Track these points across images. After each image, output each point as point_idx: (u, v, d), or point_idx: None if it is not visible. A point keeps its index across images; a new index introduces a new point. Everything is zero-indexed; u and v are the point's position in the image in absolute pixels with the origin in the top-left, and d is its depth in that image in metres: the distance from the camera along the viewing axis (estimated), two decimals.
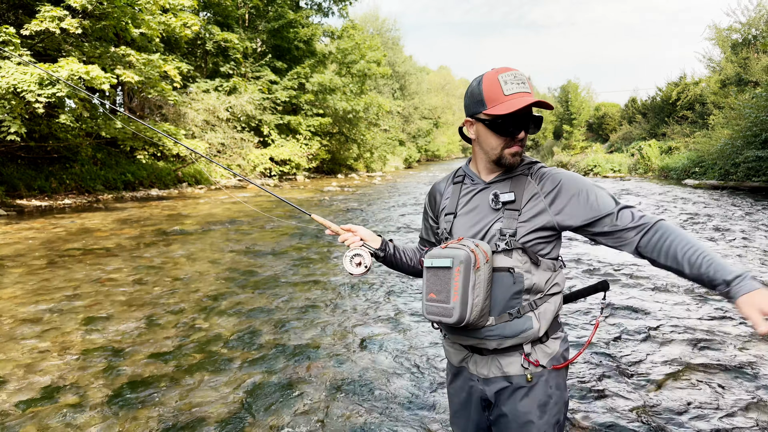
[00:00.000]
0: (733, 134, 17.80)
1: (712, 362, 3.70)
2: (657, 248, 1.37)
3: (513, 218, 1.46)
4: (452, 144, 73.77)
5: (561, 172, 1.50)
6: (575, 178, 1.49)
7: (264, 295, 5.44)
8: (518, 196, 1.48)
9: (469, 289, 1.39)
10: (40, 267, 6.57)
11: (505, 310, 1.45)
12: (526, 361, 1.46)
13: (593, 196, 1.44)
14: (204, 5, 23.23)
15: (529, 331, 1.45)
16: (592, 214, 1.43)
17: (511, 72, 1.44)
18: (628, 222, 1.40)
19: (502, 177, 1.53)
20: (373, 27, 51.52)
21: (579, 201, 1.44)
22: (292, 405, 3.14)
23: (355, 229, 1.76)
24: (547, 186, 1.47)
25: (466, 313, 1.40)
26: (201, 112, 20.81)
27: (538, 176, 1.50)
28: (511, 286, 1.44)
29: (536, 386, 1.48)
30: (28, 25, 11.42)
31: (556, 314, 1.51)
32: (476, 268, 1.39)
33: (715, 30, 27.13)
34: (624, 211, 1.42)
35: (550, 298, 1.49)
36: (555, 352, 1.51)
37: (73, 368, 3.64)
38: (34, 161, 14.65)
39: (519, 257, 1.44)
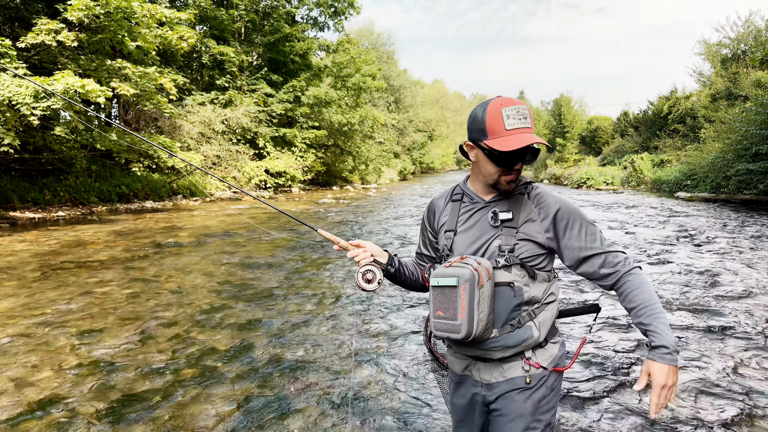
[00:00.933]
0: (724, 148, 18.02)
1: (703, 373, 3.71)
2: (622, 295, 1.54)
3: (511, 235, 1.56)
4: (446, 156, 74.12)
5: (557, 201, 1.59)
6: (570, 210, 1.58)
7: (259, 308, 5.43)
8: (515, 215, 1.58)
9: (474, 305, 1.47)
10: (33, 280, 6.53)
11: (507, 321, 1.55)
12: (527, 364, 1.57)
13: (584, 232, 1.56)
14: (200, 19, 23.40)
15: (530, 339, 1.56)
16: (582, 253, 1.56)
17: (514, 106, 1.51)
18: (610, 268, 1.55)
19: (500, 197, 1.64)
20: (368, 41, 51.96)
21: (571, 235, 1.57)
22: (287, 419, 3.13)
23: (364, 245, 1.78)
24: (542, 212, 1.58)
25: (473, 329, 1.48)
26: (196, 125, 20.84)
27: (536, 200, 1.60)
28: (512, 299, 1.54)
29: (534, 387, 1.57)
30: (24, 38, 11.46)
31: (553, 321, 1.62)
32: (480, 286, 1.47)
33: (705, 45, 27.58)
34: (609, 255, 1.55)
35: (547, 307, 1.59)
36: (555, 355, 1.61)
37: (66, 382, 3.61)
38: (28, 173, 14.60)
39: (518, 272, 1.54)
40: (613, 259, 1.55)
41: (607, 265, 1.55)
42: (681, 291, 6.00)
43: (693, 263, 7.43)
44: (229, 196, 20.65)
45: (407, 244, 9.39)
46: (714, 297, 5.72)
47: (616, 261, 1.55)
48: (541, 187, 1.66)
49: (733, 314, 5.11)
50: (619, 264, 1.54)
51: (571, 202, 1.61)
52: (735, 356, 4.06)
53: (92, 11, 11.66)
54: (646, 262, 7.57)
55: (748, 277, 6.57)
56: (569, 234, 1.56)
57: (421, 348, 4.33)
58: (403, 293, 6.03)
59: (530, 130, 1.53)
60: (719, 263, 7.42)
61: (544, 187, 1.65)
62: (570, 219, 1.57)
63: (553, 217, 1.57)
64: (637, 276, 1.53)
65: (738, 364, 3.91)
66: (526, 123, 1.52)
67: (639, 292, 1.50)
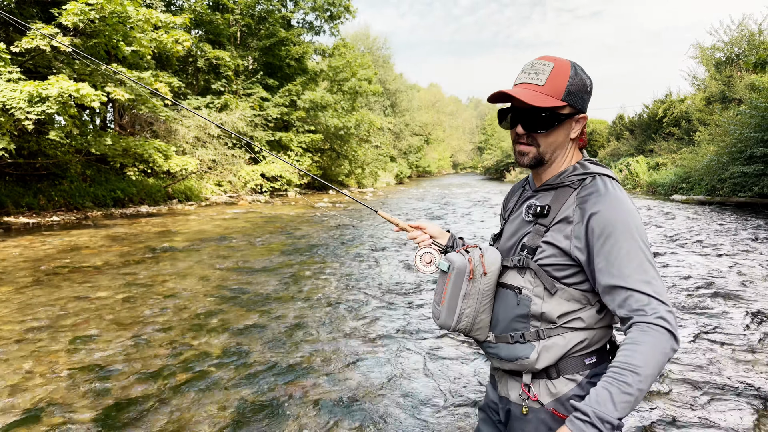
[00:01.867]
0: (718, 150, 18.11)
1: (701, 375, 3.71)
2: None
3: (539, 234, 1.33)
4: (443, 160, 74.25)
5: (603, 201, 1.25)
6: (613, 218, 1.23)
7: (254, 313, 5.40)
8: (553, 211, 1.33)
9: (459, 297, 1.37)
10: (27, 285, 6.48)
11: (507, 331, 1.36)
12: (524, 392, 1.35)
13: (618, 253, 1.21)
14: (196, 23, 23.38)
15: (524, 360, 1.32)
16: (606, 280, 1.22)
17: (535, 60, 1.36)
18: (626, 311, 1.20)
19: (547, 186, 1.39)
20: (364, 45, 52.07)
21: (601, 251, 1.23)
22: (282, 425, 3.11)
23: (424, 226, 1.71)
24: (580, 213, 1.27)
25: (451, 321, 1.39)
26: (192, 129, 20.80)
27: (583, 195, 1.29)
28: (514, 308, 1.35)
29: (530, 422, 1.35)
30: (18, 43, 11.42)
31: (572, 352, 1.31)
32: (470, 278, 1.36)
33: (699, 49, 27.75)
34: (635, 295, 1.18)
35: (565, 333, 1.30)
36: (562, 394, 1.31)
37: (60, 388, 3.57)
38: (23, 178, 14.51)
39: (531, 278, 1.32)
40: (634, 303, 1.18)
41: (625, 306, 1.19)
42: (677, 293, 6.00)
43: (689, 265, 7.44)
44: (224, 201, 20.59)
45: (407, 246, 9.37)
46: (710, 299, 5.73)
47: (636, 306, 1.17)
48: (605, 182, 1.30)
49: (729, 316, 5.12)
50: (639, 312, 1.17)
51: (625, 209, 1.24)
52: (735, 357, 4.06)
53: (87, 16, 11.63)
54: None
55: (745, 279, 6.58)
56: (599, 249, 1.22)
57: (420, 353, 4.31)
58: (402, 297, 6.01)
59: (530, 86, 1.32)
60: (715, 265, 7.43)
61: (606, 183, 1.29)
62: (607, 229, 1.22)
63: (587, 222, 1.25)
64: (645, 333, 1.15)
65: (736, 365, 3.91)
66: (531, 77, 1.32)
67: (626, 350, 1.16)
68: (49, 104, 10.56)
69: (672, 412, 3.20)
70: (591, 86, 1.36)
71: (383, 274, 7.24)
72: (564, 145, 1.38)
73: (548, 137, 1.35)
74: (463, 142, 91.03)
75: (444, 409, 3.29)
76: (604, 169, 1.35)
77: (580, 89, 1.33)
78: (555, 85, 1.30)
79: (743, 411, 3.20)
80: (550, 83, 1.30)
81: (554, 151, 1.37)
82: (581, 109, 1.35)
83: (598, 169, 1.35)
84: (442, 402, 3.40)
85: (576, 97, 1.32)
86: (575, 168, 1.36)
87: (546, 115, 1.32)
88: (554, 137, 1.35)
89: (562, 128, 1.35)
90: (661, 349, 1.14)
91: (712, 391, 3.49)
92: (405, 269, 7.56)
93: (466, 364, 4.04)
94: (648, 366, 1.13)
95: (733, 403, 3.31)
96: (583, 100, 1.34)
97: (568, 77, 1.31)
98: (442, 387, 3.63)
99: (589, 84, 1.35)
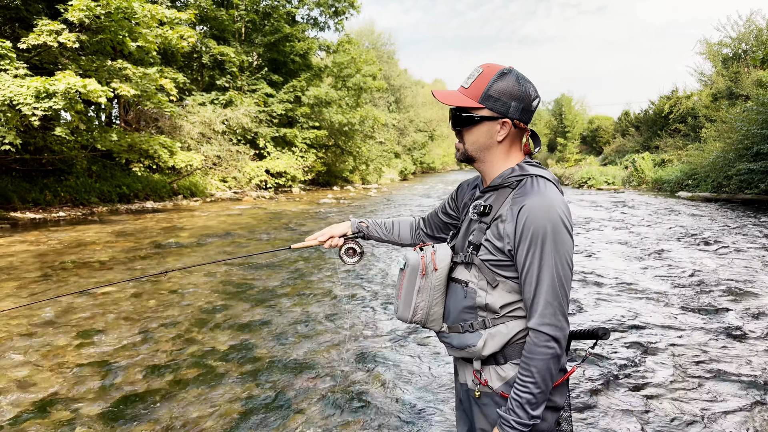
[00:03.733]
0: (725, 147, 18.01)
1: (708, 370, 3.71)
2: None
3: (482, 232, 1.42)
4: (447, 156, 74.09)
5: (532, 202, 1.32)
6: (539, 219, 1.30)
7: (259, 308, 5.42)
8: (493, 210, 1.42)
9: (413, 292, 1.49)
10: (34, 280, 6.53)
11: (458, 321, 1.47)
12: (476, 378, 1.46)
13: (532, 255, 1.30)
14: (201, 19, 23.39)
15: (472, 348, 1.42)
16: (525, 288, 1.33)
17: (476, 67, 1.46)
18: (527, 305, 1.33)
19: (491, 187, 1.48)
20: (368, 41, 51.94)
21: (521, 251, 1.32)
22: (288, 419, 3.13)
23: (330, 233, 1.90)
24: (512, 212, 1.36)
25: (407, 314, 1.51)
26: (197, 125, 20.83)
27: (517, 196, 1.38)
28: (462, 300, 1.45)
29: (487, 406, 1.44)
30: (25, 39, 11.46)
31: (516, 339, 1.39)
32: (422, 275, 1.48)
33: (705, 45, 27.54)
34: (534, 305, 1.31)
35: (508, 321, 1.39)
36: (510, 377, 1.40)
37: (67, 383, 3.61)
38: (29, 174, 14.60)
39: (476, 273, 1.42)
40: (532, 310, 1.32)
41: (526, 302, 1.34)
42: (683, 290, 5.99)
43: (695, 263, 7.42)
44: (229, 197, 20.65)
45: None
46: (717, 296, 5.71)
47: (534, 313, 1.31)
48: (540, 184, 1.37)
49: (735, 313, 5.10)
50: (532, 320, 1.31)
51: (552, 211, 1.30)
52: (741, 355, 4.05)
53: (93, 12, 11.66)
54: (648, 261, 7.57)
55: (750, 277, 6.55)
56: (519, 248, 1.32)
57: (423, 348, 4.33)
58: None
59: (460, 89, 1.46)
60: (721, 263, 7.40)
61: (539, 184, 1.37)
62: (528, 231, 1.30)
63: (516, 220, 1.33)
64: (530, 347, 1.31)
65: (743, 362, 3.90)
66: (465, 81, 1.46)
67: (523, 360, 1.33)
68: (56, 100, 10.61)
69: (677, 410, 3.20)
70: (525, 96, 1.40)
71: (387, 271, 7.26)
72: (490, 146, 1.45)
73: (470, 136, 1.46)
74: None
75: (449, 405, 3.31)
76: (541, 171, 1.43)
77: (503, 94, 1.39)
78: (475, 88, 1.42)
79: (748, 409, 3.19)
80: (473, 86, 1.42)
81: (479, 150, 1.47)
82: (503, 114, 1.40)
83: (536, 170, 1.42)
84: (446, 397, 3.41)
85: (496, 102, 1.40)
86: (513, 170, 1.44)
87: (461, 115, 1.44)
88: (475, 137, 1.45)
89: (481, 129, 1.44)
90: (535, 357, 1.31)
91: (717, 388, 3.48)
92: None
93: None
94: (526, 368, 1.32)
95: (737, 400, 3.31)
96: (507, 106, 1.40)
97: (489, 81, 1.40)
98: (446, 383, 3.64)
99: (521, 93, 1.40)
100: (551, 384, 1.32)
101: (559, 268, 1.30)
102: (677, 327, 4.73)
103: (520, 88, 1.40)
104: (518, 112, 1.41)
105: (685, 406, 3.25)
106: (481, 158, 1.48)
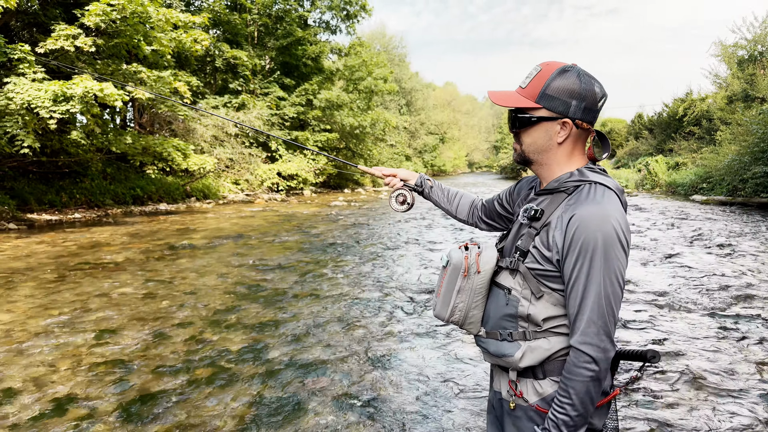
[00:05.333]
0: (740, 150, 17.76)
1: (725, 378, 3.67)
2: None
3: (530, 237, 1.36)
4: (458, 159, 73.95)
5: (586, 212, 1.24)
6: (592, 231, 1.22)
7: (271, 310, 5.46)
8: (544, 216, 1.35)
9: (453, 291, 1.44)
10: (51, 281, 6.64)
11: (497, 328, 1.41)
12: (511, 389, 1.40)
13: (580, 268, 1.23)
14: (214, 23, 23.62)
15: (509, 358, 1.36)
16: (562, 286, 1.29)
17: (536, 65, 1.41)
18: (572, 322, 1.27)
19: (546, 190, 1.41)
20: (380, 44, 52.10)
21: (569, 261, 1.25)
22: (299, 420, 3.15)
23: (395, 172, 1.95)
24: (563, 220, 1.29)
25: (445, 313, 1.47)
26: (210, 128, 21.04)
27: (572, 202, 1.30)
28: (503, 307, 1.39)
29: (520, 419, 1.39)
30: (43, 43, 11.66)
31: (557, 356, 1.33)
32: (464, 275, 1.42)
33: (720, 46, 27.21)
34: (577, 320, 1.25)
35: (550, 336, 1.33)
36: (547, 394, 1.34)
37: (83, 381, 3.66)
38: (45, 176, 14.83)
39: (520, 281, 1.35)
40: (575, 327, 1.25)
41: (570, 317, 1.27)
42: (698, 295, 5.93)
43: (710, 267, 7.34)
44: (241, 199, 20.79)
45: (419, 245, 9.38)
46: (732, 301, 5.65)
47: (576, 330, 1.25)
48: (598, 192, 1.28)
49: (753, 319, 5.04)
50: (573, 337, 1.25)
51: (606, 222, 1.21)
52: (757, 361, 4.00)
53: (109, 16, 11.83)
54: (662, 266, 7.50)
55: (766, 283, 6.46)
56: (566, 259, 1.25)
57: (437, 351, 4.33)
58: (417, 295, 6.03)
59: (518, 89, 1.40)
60: (736, 267, 7.31)
61: (598, 193, 1.28)
62: (577, 242, 1.23)
63: (564, 229, 1.26)
64: (570, 367, 1.25)
65: (753, 367, 3.86)
66: (523, 81, 1.40)
67: (562, 378, 1.28)
68: (73, 103, 10.79)
69: (685, 414, 3.17)
70: (588, 93, 1.32)
71: (398, 273, 7.27)
72: (549, 149, 1.38)
73: (528, 137, 1.39)
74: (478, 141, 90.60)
75: (460, 407, 3.31)
76: (603, 178, 1.33)
77: (563, 93, 1.32)
78: (533, 87, 1.35)
79: (757, 414, 3.16)
80: (530, 86, 1.36)
81: (537, 152, 1.40)
82: (563, 113, 1.33)
83: (597, 177, 1.33)
84: (458, 400, 3.41)
85: (554, 101, 1.32)
86: (572, 174, 1.36)
87: (518, 116, 1.38)
88: (532, 138, 1.38)
89: (538, 130, 1.37)
90: (577, 378, 1.25)
91: (727, 392, 3.45)
92: (421, 268, 7.57)
93: (482, 362, 4.04)
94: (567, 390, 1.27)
95: (747, 405, 3.27)
96: (567, 105, 1.32)
97: (546, 80, 1.33)
98: (458, 385, 3.64)
99: (583, 90, 1.32)
100: (591, 407, 1.26)
101: (608, 285, 1.22)
102: (690, 332, 4.69)
103: (581, 85, 1.31)
104: (580, 112, 1.32)
105: (696, 414, 3.22)
106: (538, 161, 1.41)
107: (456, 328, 4.48)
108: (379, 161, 33.04)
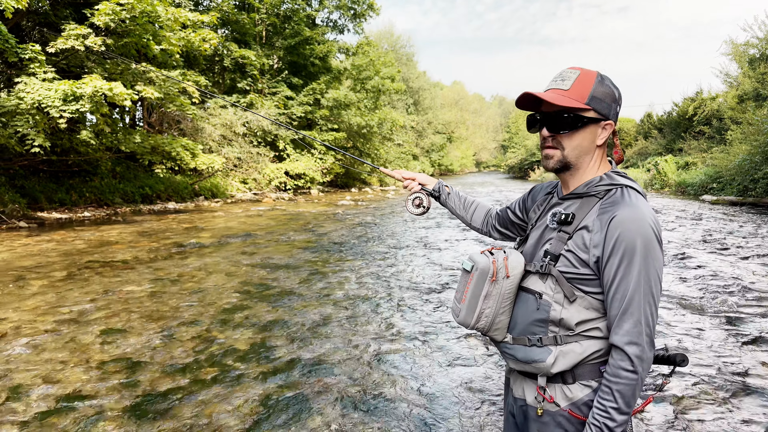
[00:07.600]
0: (751, 150, 17.58)
1: (731, 384, 3.63)
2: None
3: (562, 241, 1.35)
4: (466, 158, 73.83)
5: (626, 214, 1.25)
6: (632, 234, 1.23)
7: (279, 309, 5.47)
8: (576, 219, 1.35)
9: (480, 297, 1.41)
10: (60, 279, 6.69)
11: (525, 333, 1.38)
12: (540, 395, 1.38)
13: (624, 271, 1.23)
14: (222, 22, 23.72)
15: (540, 363, 1.34)
16: (607, 290, 1.28)
17: (564, 69, 1.41)
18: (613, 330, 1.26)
19: (574, 194, 1.41)
20: (387, 43, 52.09)
21: (611, 264, 1.25)
22: (306, 419, 3.15)
23: (414, 176, 2.01)
24: (600, 222, 1.29)
25: (470, 320, 1.43)
26: (218, 127, 21.13)
27: (606, 206, 1.31)
28: (534, 312, 1.36)
29: (547, 425, 1.37)
30: (53, 43, 11.75)
31: (589, 360, 1.33)
32: (492, 280, 1.39)
33: (731, 45, 26.93)
34: (620, 321, 1.25)
35: (582, 340, 1.32)
36: (577, 398, 1.33)
37: (92, 379, 3.69)
38: (55, 175, 14.96)
39: (551, 285, 1.34)
40: (618, 327, 1.25)
41: (611, 318, 1.27)
42: (709, 296, 5.87)
43: (720, 268, 7.26)
44: (249, 198, 20.87)
45: (427, 246, 9.37)
46: (744, 303, 5.59)
47: (619, 330, 1.24)
48: (631, 195, 1.31)
49: (760, 321, 4.98)
50: (617, 337, 1.25)
51: (645, 224, 1.23)
52: (762, 360, 3.96)
53: (118, 16, 11.91)
54: (673, 266, 7.43)
55: None
56: (608, 261, 1.25)
57: (443, 352, 4.32)
58: (424, 295, 6.02)
59: (557, 90, 1.36)
60: (747, 268, 7.24)
61: (630, 195, 1.30)
62: (620, 244, 1.23)
63: (605, 231, 1.26)
64: (614, 370, 1.24)
65: (763, 368, 3.81)
66: (557, 83, 1.37)
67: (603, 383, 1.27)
68: (83, 103, 10.87)
69: (694, 414, 3.14)
70: (619, 97, 1.39)
71: (405, 273, 7.26)
72: (590, 151, 1.39)
73: (572, 140, 1.37)
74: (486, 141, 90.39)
75: (465, 408, 3.30)
76: (631, 182, 1.37)
77: (606, 96, 1.35)
78: (579, 90, 1.35)
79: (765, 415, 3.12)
80: (575, 88, 1.35)
81: (579, 156, 1.39)
82: (606, 116, 1.36)
83: (626, 181, 1.36)
84: (463, 401, 3.40)
85: (601, 103, 1.35)
86: (602, 178, 1.37)
87: (569, 117, 1.35)
88: (578, 141, 1.37)
89: (585, 132, 1.37)
90: (621, 382, 1.24)
91: (741, 393, 3.41)
92: (427, 268, 7.56)
93: (487, 364, 4.03)
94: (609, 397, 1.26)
95: (761, 408, 3.23)
96: (609, 108, 1.36)
97: (593, 83, 1.35)
98: (463, 386, 3.63)
99: (616, 94, 1.38)
100: (632, 409, 1.24)
101: (652, 285, 1.23)
102: (700, 334, 4.64)
103: (614, 90, 1.37)
104: (616, 116, 1.39)
105: (706, 416, 3.19)
106: (578, 165, 1.40)
107: (464, 329, 4.46)
108: (386, 160, 33.05)
